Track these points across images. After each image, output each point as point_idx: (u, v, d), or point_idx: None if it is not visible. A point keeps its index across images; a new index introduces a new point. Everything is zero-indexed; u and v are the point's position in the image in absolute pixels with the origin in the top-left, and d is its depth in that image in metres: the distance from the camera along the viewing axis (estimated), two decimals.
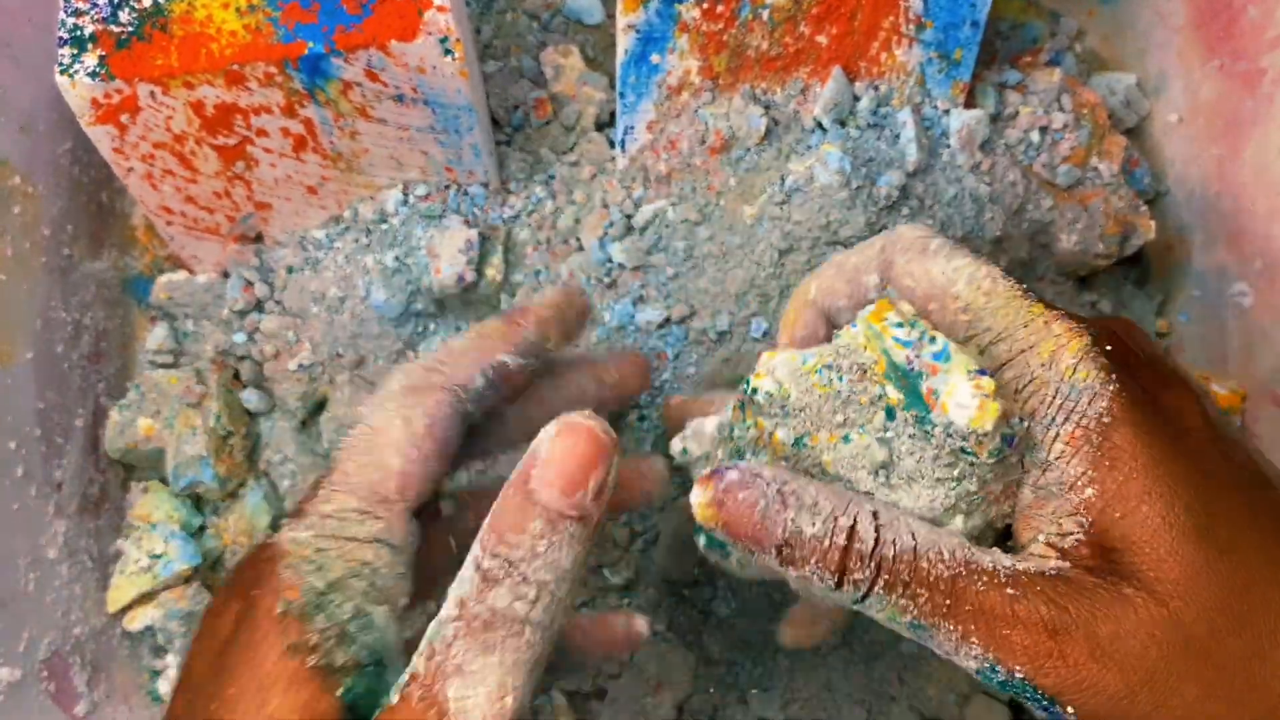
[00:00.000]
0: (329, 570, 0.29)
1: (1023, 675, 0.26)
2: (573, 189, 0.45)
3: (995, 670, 0.26)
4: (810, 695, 0.45)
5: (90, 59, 0.37)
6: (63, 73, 0.37)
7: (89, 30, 0.37)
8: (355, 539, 0.29)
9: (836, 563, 0.27)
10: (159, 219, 0.43)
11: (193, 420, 0.44)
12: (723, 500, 0.27)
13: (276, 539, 0.30)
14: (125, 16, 0.38)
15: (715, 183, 0.43)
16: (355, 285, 0.43)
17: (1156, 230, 0.47)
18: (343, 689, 0.28)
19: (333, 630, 0.28)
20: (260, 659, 0.27)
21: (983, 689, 0.45)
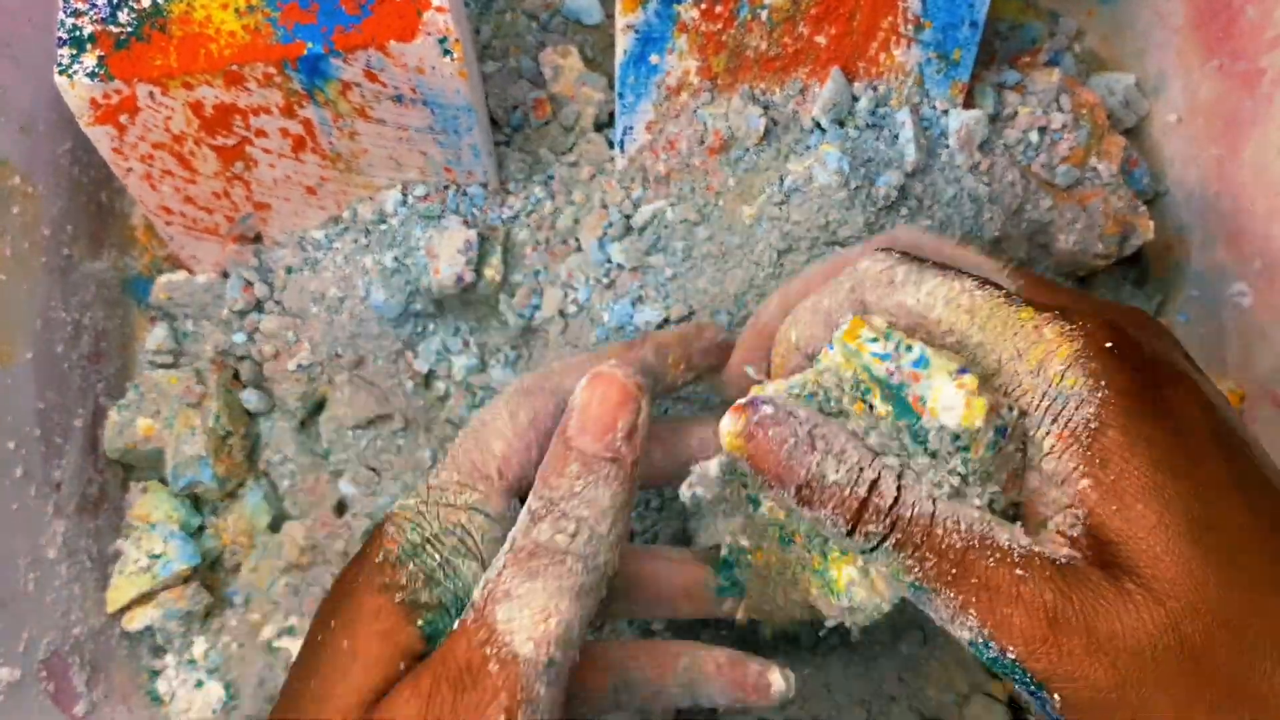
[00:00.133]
0: (425, 528, 0.32)
1: (1014, 656, 0.26)
2: (572, 189, 0.45)
3: (988, 646, 0.26)
4: (810, 695, 0.45)
5: (89, 59, 0.37)
6: (62, 73, 0.37)
7: (88, 30, 0.38)
8: (452, 505, 0.33)
9: (854, 512, 0.27)
10: (158, 219, 0.43)
11: (192, 420, 0.44)
12: (754, 433, 0.28)
13: (392, 508, 0.33)
14: (124, 17, 0.38)
15: (714, 183, 0.43)
16: (354, 285, 0.43)
17: (1155, 230, 0.47)
18: (423, 621, 0.31)
19: (419, 573, 0.31)
20: (359, 596, 0.31)
21: (983, 689, 0.45)
